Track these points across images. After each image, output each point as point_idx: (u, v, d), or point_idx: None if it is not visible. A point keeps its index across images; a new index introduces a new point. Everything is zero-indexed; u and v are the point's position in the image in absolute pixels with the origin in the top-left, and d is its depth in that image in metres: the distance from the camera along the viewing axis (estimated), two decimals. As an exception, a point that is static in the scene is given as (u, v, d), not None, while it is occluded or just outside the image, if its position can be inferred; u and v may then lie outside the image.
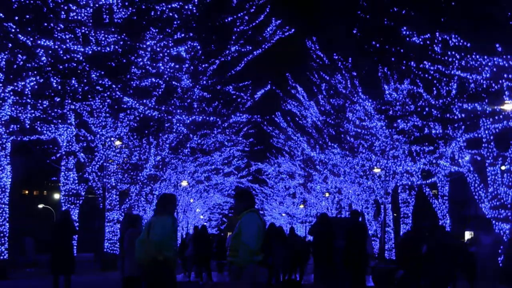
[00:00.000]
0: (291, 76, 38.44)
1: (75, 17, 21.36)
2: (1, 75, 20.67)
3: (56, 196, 62.66)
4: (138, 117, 27.30)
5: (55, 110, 22.61)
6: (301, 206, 62.53)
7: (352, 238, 13.94)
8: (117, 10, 23.13)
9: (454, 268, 14.04)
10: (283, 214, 75.72)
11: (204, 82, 29.28)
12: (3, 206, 21.59)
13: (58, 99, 21.78)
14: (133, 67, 23.57)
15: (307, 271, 24.83)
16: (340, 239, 14.42)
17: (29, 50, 19.85)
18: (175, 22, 23.83)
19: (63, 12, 20.83)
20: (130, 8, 23.16)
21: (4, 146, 21.46)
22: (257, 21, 28.42)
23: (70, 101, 22.42)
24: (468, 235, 45.15)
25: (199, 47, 26.41)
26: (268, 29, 28.58)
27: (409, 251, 15.27)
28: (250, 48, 28.43)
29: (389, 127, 27.03)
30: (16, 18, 19.27)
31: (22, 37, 19.29)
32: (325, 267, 14.72)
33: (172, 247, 8.88)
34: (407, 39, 20.10)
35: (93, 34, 22.02)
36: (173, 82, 26.77)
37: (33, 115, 21.91)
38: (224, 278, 23.75)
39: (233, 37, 28.10)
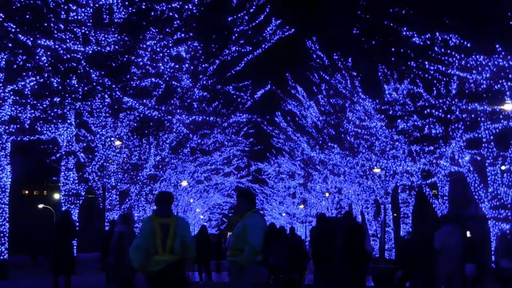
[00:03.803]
0: (291, 76, 38.45)
1: (75, 17, 21.35)
2: (1, 75, 20.67)
3: (56, 196, 62.67)
4: (138, 117, 27.29)
5: (55, 110, 22.60)
6: (301, 206, 62.55)
7: (351, 237, 13.94)
8: (117, 10, 23.12)
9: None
10: (283, 214, 75.78)
11: (204, 82, 29.26)
12: (3, 206, 21.59)
13: (58, 99, 21.77)
14: (133, 67, 23.57)
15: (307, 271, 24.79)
16: (339, 239, 14.45)
17: (29, 50, 19.84)
18: (175, 22, 23.82)
19: (63, 12, 20.82)
20: (130, 8, 23.15)
21: (4, 146, 21.46)
22: (257, 21, 28.39)
23: (70, 101, 22.41)
24: (468, 235, 45.16)
25: (199, 47, 26.40)
26: (268, 29, 28.54)
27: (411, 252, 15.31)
28: (250, 48, 28.40)
29: (389, 127, 27.02)
30: (16, 18, 19.26)
31: (22, 37, 19.29)
32: (325, 267, 14.70)
33: None
34: (407, 40, 20.11)
35: (93, 34, 22.02)
36: (173, 82, 26.77)
37: (33, 115, 21.91)
38: (222, 278, 23.74)
39: (233, 37, 28.08)
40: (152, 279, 7.80)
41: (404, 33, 20.13)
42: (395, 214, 38.21)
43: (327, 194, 48.25)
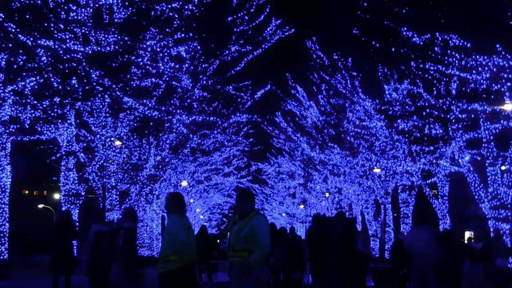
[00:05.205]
0: (291, 76, 38.45)
1: (75, 17, 21.37)
2: (1, 75, 20.68)
3: (56, 196, 62.64)
4: (138, 117, 27.29)
5: (55, 110, 22.60)
6: (301, 206, 62.54)
7: (343, 237, 13.98)
8: (117, 10, 23.12)
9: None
10: (283, 214, 75.75)
11: (204, 82, 29.26)
12: (3, 206, 21.59)
13: (58, 99, 21.77)
14: (133, 67, 23.57)
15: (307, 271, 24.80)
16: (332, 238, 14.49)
17: (29, 50, 19.86)
18: (175, 22, 23.83)
19: (63, 12, 20.84)
20: (130, 8, 23.16)
21: (4, 146, 21.46)
22: (257, 21, 28.38)
23: (70, 101, 22.41)
24: (468, 235, 45.19)
25: (199, 47, 26.39)
26: (268, 29, 28.53)
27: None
28: (250, 48, 28.40)
29: (389, 127, 27.04)
30: (16, 18, 19.27)
31: (22, 37, 19.30)
32: (323, 267, 14.71)
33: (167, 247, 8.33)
34: (407, 40, 20.12)
35: (93, 34, 22.03)
36: (173, 82, 26.77)
37: (33, 115, 21.91)
38: (220, 278, 23.72)
39: (233, 37, 28.08)
40: (169, 278, 7.88)
41: (404, 33, 20.14)
42: (395, 214, 38.20)
43: (327, 194, 48.25)
